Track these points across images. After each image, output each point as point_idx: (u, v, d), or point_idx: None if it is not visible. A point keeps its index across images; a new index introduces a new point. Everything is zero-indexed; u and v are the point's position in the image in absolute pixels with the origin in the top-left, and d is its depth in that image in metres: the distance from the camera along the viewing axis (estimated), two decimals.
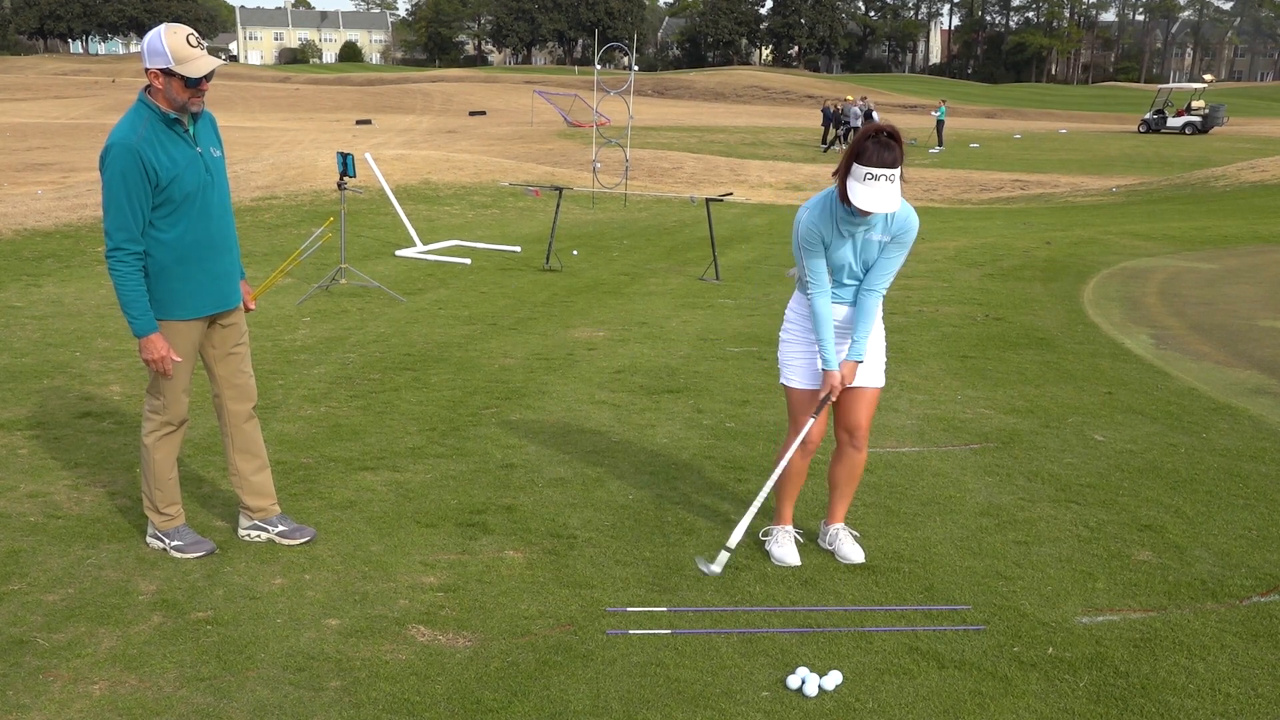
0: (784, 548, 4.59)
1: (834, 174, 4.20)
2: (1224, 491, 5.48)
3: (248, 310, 4.65)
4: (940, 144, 40.69)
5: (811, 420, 4.44)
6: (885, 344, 4.62)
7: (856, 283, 4.36)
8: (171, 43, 3.97)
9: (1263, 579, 4.47)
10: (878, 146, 4.00)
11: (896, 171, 4.01)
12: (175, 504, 4.53)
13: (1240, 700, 3.57)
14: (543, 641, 3.88)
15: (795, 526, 4.76)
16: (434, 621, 4.01)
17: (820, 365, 4.38)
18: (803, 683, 3.60)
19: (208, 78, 4.06)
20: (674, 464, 5.76)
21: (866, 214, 4.10)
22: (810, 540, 4.78)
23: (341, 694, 3.52)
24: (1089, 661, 3.81)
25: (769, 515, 4.90)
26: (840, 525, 4.70)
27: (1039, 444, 6.21)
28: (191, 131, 4.18)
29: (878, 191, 4.00)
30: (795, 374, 4.49)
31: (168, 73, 3.99)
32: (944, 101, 45.67)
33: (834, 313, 4.37)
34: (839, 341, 4.39)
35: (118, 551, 4.52)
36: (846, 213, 4.18)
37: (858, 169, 4.02)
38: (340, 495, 5.21)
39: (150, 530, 4.54)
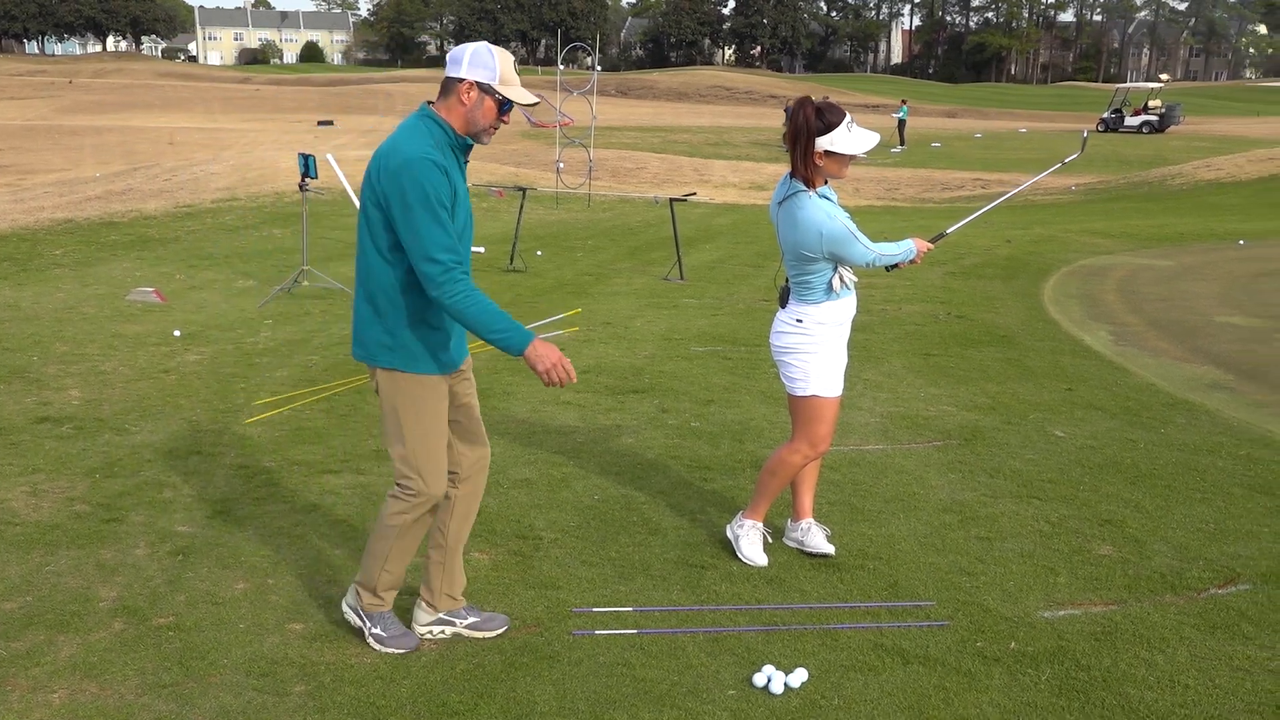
0: (754, 547, 4.60)
1: (794, 175, 4.23)
2: (1182, 486, 5.55)
3: None
4: (902, 143, 40.95)
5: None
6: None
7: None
8: (501, 60, 3.47)
9: (1220, 571, 4.53)
10: (828, 108, 4.19)
11: None
12: (396, 589, 3.88)
13: (1198, 691, 3.62)
14: (509, 643, 3.87)
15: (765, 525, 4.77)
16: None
17: (905, 256, 4.41)
18: (768, 681, 3.61)
19: (507, 109, 3.53)
20: (640, 464, 5.77)
21: (845, 173, 4.27)
22: (776, 538, 4.80)
23: (306, 698, 3.50)
24: (1051, 655, 3.84)
25: (732, 511, 4.91)
26: (811, 520, 4.72)
27: (1001, 440, 6.26)
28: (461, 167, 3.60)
29: (861, 133, 4.20)
30: (830, 383, 4.41)
31: (485, 89, 3.46)
32: (905, 101, 45.96)
33: (847, 309, 4.42)
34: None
35: (77, 558, 4.46)
36: (828, 194, 4.28)
37: (836, 133, 4.14)
38: (304, 499, 5.17)
39: (351, 603, 3.89)
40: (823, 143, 4.14)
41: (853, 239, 4.17)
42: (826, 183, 4.31)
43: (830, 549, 4.63)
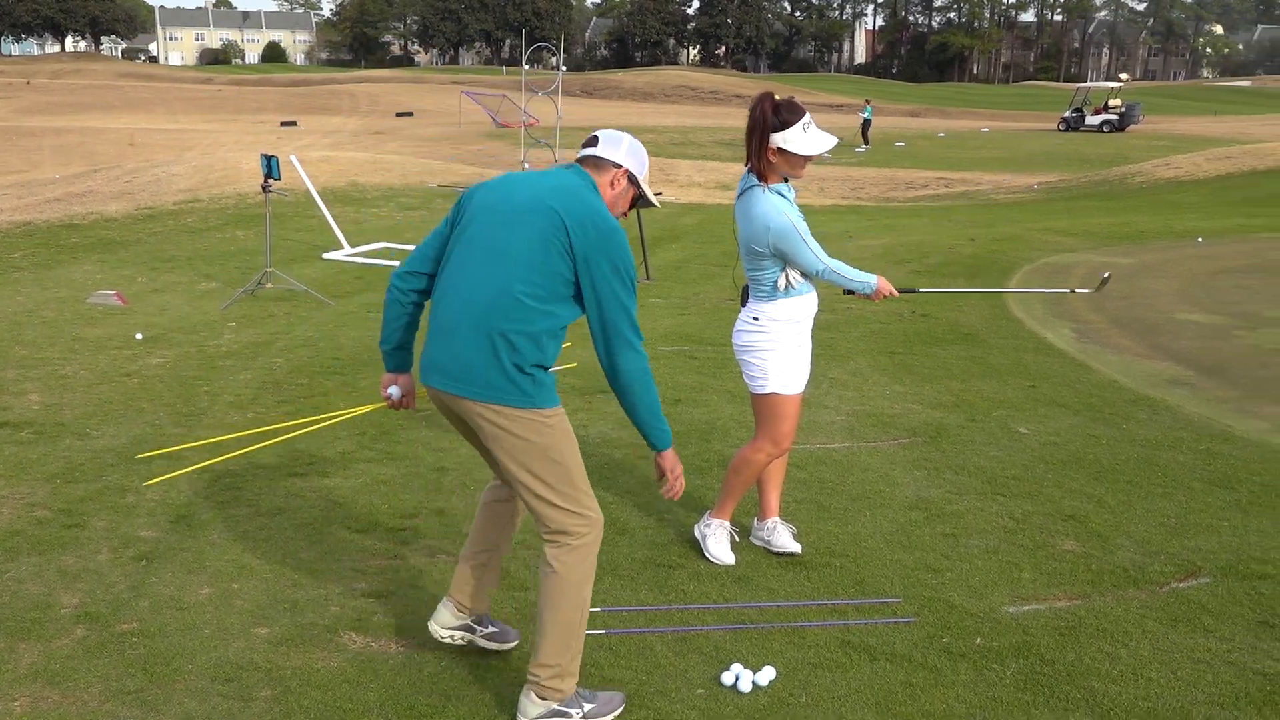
0: (721, 545, 4.61)
1: (749, 167, 4.27)
2: (1144, 481, 5.61)
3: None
4: (866, 143, 41.15)
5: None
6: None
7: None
8: (647, 158, 3.58)
9: (1181, 565, 4.59)
10: (788, 106, 4.19)
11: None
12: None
13: (1161, 684, 3.66)
14: (476, 645, 3.86)
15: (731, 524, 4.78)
16: (366, 628, 3.97)
17: (862, 288, 4.37)
18: (736, 679, 3.62)
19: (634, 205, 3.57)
20: (607, 464, 5.76)
21: (803, 170, 4.25)
22: (744, 537, 4.81)
23: (272, 703, 3.47)
24: (1016, 650, 3.88)
25: (700, 510, 4.92)
26: (777, 519, 4.73)
27: (965, 438, 6.31)
28: None
29: (818, 134, 4.19)
30: (790, 380, 4.42)
31: (633, 180, 3.50)
32: (869, 101, 46.16)
33: (806, 306, 4.42)
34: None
35: (38, 564, 4.41)
36: (783, 193, 4.28)
37: (791, 131, 4.15)
38: (269, 502, 5.13)
39: (541, 710, 3.38)
40: (777, 140, 4.16)
41: (799, 239, 4.19)
42: (787, 181, 4.33)
43: (796, 547, 4.65)
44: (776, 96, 4.24)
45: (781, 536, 4.68)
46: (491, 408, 3.28)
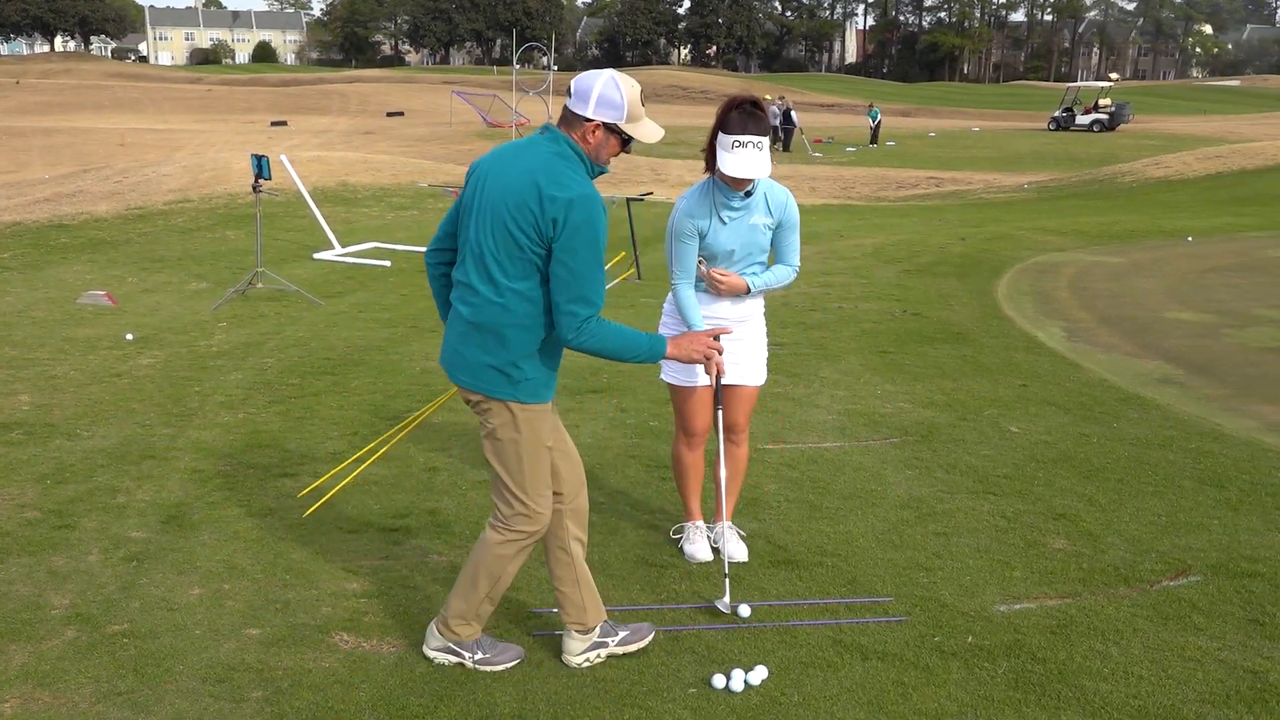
0: (695, 544, 4.60)
1: (702, 150, 4.21)
2: (1134, 479, 5.63)
3: None
4: (874, 143, 41.15)
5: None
6: (766, 342, 4.60)
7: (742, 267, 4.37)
8: (629, 95, 3.35)
9: (1172, 564, 4.60)
10: (742, 115, 4.04)
11: (764, 140, 4.04)
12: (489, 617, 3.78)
13: (1152, 682, 3.67)
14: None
15: (705, 521, 4.75)
16: (358, 628, 3.96)
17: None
18: (729, 678, 3.62)
19: (630, 142, 3.41)
20: (598, 464, 5.76)
21: (741, 186, 4.12)
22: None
23: (264, 704, 3.47)
24: (1007, 649, 3.89)
25: (678, 515, 4.91)
26: (727, 524, 4.60)
27: (957, 437, 6.32)
28: None
29: (745, 158, 4.01)
30: (675, 370, 4.46)
31: (611, 129, 3.37)
32: (872, 104, 46.00)
33: (725, 309, 4.41)
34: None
35: (28, 565, 4.40)
36: (724, 196, 4.18)
37: (724, 138, 4.05)
38: (260, 502, 5.12)
39: (439, 644, 3.68)
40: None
41: (668, 241, 4.30)
42: (748, 195, 4.19)
43: (743, 555, 4.57)
44: (757, 102, 4.10)
45: (730, 543, 4.59)
46: (487, 398, 3.46)
